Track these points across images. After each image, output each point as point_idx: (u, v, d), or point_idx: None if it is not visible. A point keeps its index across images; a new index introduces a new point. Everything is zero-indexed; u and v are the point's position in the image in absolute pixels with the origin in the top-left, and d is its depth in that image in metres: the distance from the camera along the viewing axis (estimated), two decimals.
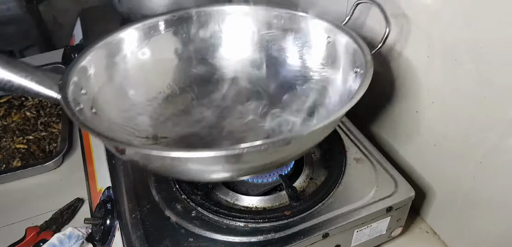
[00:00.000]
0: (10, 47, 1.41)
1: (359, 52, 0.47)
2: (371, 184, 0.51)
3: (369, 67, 0.44)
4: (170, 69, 0.62)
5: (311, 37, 0.57)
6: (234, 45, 0.64)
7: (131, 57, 0.58)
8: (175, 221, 0.47)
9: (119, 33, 0.56)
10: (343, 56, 0.52)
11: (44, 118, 0.84)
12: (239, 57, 0.64)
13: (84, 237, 0.57)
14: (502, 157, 0.43)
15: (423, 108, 0.53)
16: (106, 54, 0.54)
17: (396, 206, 0.49)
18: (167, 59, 0.62)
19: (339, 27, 0.53)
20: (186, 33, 0.62)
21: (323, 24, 0.55)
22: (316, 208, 0.48)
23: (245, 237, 0.45)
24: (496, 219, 0.46)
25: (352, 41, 0.49)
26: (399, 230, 0.54)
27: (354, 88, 0.47)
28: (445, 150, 0.51)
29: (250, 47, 0.64)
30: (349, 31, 0.51)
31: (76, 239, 0.56)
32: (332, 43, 0.54)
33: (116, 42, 0.56)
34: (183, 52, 0.62)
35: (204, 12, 0.62)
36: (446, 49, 0.47)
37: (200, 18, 0.62)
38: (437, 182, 0.54)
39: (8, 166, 0.72)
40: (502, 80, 0.41)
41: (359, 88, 0.40)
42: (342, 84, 0.52)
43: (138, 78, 0.58)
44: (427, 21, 0.49)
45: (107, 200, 0.52)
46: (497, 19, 0.40)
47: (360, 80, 0.44)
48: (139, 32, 0.58)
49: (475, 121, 0.45)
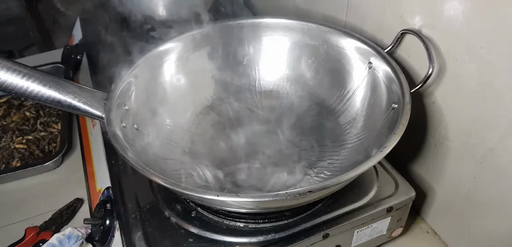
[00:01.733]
0: (10, 47, 1.41)
1: (396, 85, 0.47)
2: (371, 184, 0.51)
3: (406, 109, 0.43)
4: (207, 83, 0.63)
5: (353, 61, 0.57)
6: (271, 61, 0.65)
7: (171, 70, 0.60)
8: (175, 221, 0.47)
9: (160, 47, 0.59)
10: (381, 85, 0.52)
11: (43, 118, 0.84)
12: (276, 74, 0.65)
13: (84, 237, 0.57)
14: (502, 157, 0.43)
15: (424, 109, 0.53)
16: (147, 69, 0.56)
17: (397, 206, 0.49)
18: (205, 73, 0.63)
19: (383, 55, 0.52)
20: (223, 45, 0.63)
21: (366, 48, 0.55)
22: (316, 208, 0.47)
23: (245, 237, 0.45)
24: (497, 219, 0.46)
25: (393, 74, 0.49)
26: (400, 230, 0.53)
27: (384, 117, 0.48)
28: (445, 150, 0.51)
29: (287, 63, 0.64)
30: (391, 62, 0.50)
31: (76, 239, 0.56)
32: (373, 70, 0.53)
33: (156, 56, 0.58)
34: (221, 67, 0.63)
35: (242, 24, 0.63)
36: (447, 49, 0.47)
37: (238, 30, 0.63)
38: (437, 182, 0.54)
39: (8, 166, 0.72)
40: (502, 80, 0.41)
41: (393, 136, 0.41)
42: (371, 111, 0.53)
43: (176, 92, 0.59)
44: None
45: (106, 200, 0.52)
46: (497, 19, 0.39)
47: (393, 114, 0.44)
48: (180, 44, 0.60)
49: (475, 121, 0.45)
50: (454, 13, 0.44)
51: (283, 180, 0.51)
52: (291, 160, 0.53)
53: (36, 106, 0.87)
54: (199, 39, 0.62)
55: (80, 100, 0.46)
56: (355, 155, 0.50)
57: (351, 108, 0.57)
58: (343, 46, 0.58)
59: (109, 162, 0.57)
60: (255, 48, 0.64)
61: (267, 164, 0.53)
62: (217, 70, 0.63)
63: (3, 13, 1.37)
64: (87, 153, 0.70)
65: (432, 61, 0.46)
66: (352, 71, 0.57)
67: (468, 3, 0.42)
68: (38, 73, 0.44)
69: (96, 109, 0.46)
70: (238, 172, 0.52)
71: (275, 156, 0.54)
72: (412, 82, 0.52)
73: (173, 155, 0.53)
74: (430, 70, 0.46)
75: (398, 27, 0.52)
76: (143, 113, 0.53)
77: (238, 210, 0.45)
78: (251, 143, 0.57)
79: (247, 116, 0.61)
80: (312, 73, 0.62)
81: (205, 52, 0.62)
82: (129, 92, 0.52)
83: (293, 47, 0.63)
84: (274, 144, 0.56)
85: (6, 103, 0.87)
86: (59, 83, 0.45)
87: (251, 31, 0.64)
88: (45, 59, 0.96)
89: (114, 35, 0.84)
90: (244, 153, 0.55)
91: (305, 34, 0.62)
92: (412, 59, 0.53)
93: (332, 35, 0.59)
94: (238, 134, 0.58)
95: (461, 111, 0.47)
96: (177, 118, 0.58)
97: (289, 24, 0.62)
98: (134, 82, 0.53)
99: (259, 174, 0.52)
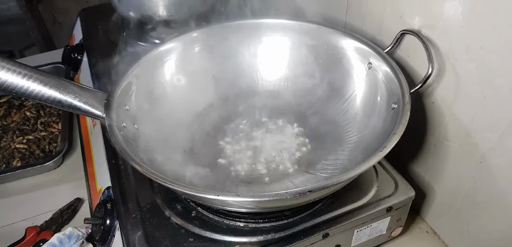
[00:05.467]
0: (10, 47, 1.41)
1: (396, 86, 0.47)
2: (371, 184, 0.51)
3: (406, 109, 0.43)
4: (208, 83, 0.63)
5: (352, 61, 0.57)
6: (271, 61, 0.64)
7: (171, 71, 0.60)
8: (175, 221, 0.47)
9: (160, 47, 0.59)
10: (381, 85, 0.52)
11: (44, 118, 0.84)
12: (276, 74, 0.65)
13: (84, 237, 0.57)
14: (502, 157, 0.43)
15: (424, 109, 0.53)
16: (147, 69, 0.56)
17: (396, 206, 0.49)
18: (205, 73, 0.63)
19: (382, 55, 0.52)
20: (223, 45, 0.63)
21: (366, 49, 0.55)
22: (316, 208, 0.48)
23: (245, 237, 0.45)
24: (496, 219, 0.46)
25: (392, 74, 0.49)
26: (399, 230, 0.54)
27: (384, 118, 0.48)
28: (445, 150, 0.51)
29: (287, 63, 0.64)
30: (391, 62, 0.50)
31: (76, 239, 0.56)
32: (373, 70, 0.53)
33: (156, 56, 0.58)
34: (221, 67, 0.63)
35: (242, 24, 0.63)
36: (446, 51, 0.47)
37: (238, 30, 0.63)
38: (437, 182, 0.54)
39: (8, 166, 0.72)
40: (502, 80, 0.41)
41: (393, 136, 0.40)
42: (371, 111, 0.53)
43: (177, 92, 0.59)
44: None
45: (107, 200, 0.52)
46: (497, 19, 0.40)
47: (392, 114, 0.44)
48: (180, 44, 0.60)
49: (475, 121, 0.45)
50: (454, 14, 0.44)
51: (283, 180, 0.51)
52: (291, 160, 0.54)
53: (37, 106, 0.87)
54: (199, 39, 0.62)
55: (80, 100, 0.46)
56: (355, 155, 0.50)
57: (351, 109, 0.57)
58: (343, 46, 0.58)
59: (109, 162, 0.57)
60: (255, 48, 0.64)
61: (267, 163, 0.53)
62: (217, 70, 0.63)
63: (3, 13, 1.37)
64: (87, 153, 0.70)
65: (431, 62, 0.46)
66: (352, 71, 0.57)
67: (468, 3, 0.42)
68: (39, 73, 0.44)
69: (97, 109, 0.46)
70: (238, 171, 0.52)
71: (275, 156, 0.54)
72: (412, 83, 0.52)
73: (173, 154, 0.53)
74: (430, 71, 0.46)
75: (398, 28, 0.52)
76: (144, 113, 0.53)
77: (238, 210, 0.45)
78: (251, 143, 0.57)
79: (247, 116, 0.61)
80: (312, 74, 0.62)
81: (205, 52, 0.62)
82: (130, 92, 0.52)
83: (293, 47, 0.63)
84: (274, 144, 0.56)
85: (6, 103, 0.87)
86: (60, 83, 0.45)
87: (251, 31, 0.64)
88: (45, 59, 0.97)
89: (114, 35, 0.84)
90: (243, 150, 0.55)
91: (305, 35, 0.62)
92: (412, 60, 0.53)
93: (332, 35, 0.59)
94: (238, 134, 0.58)
95: (461, 111, 0.47)
96: (177, 118, 0.58)
97: (289, 24, 0.63)
98: (134, 82, 0.53)
99: (259, 173, 0.52)
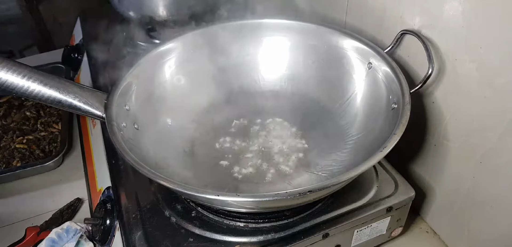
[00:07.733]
0: (10, 47, 1.41)
1: (396, 86, 0.47)
2: (371, 184, 0.51)
3: (406, 109, 0.43)
4: (208, 83, 0.63)
5: (352, 61, 0.57)
6: (271, 61, 0.65)
7: (171, 71, 0.60)
8: (175, 221, 0.47)
9: (160, 47, 0.59)
10: (381, 85, 0.52)
11: (44, 118, 0.84)
12: (276, 74, 0.65)
13: (83, 231, 0.57)
14: (502, 157, 0.43)
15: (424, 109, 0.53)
16: (147, 69, 0.56)
17: (396, 206, 0.49)
18: (205, 73, 0.63)
19: (382, 55, 0.52)
20: (223, 46, 0.63)
21: (366, 49, 0.55)
22: (316, 208, 0.48)
23: (245, 237, 0.45)
24: (496, 219, 0.46)
25: (392, 74, 0.49)
26: (399, 230, 0.54)
27: (384, 118, 0.48)
28: (445, 150, 0.51)
29: (288, 63, 0.64)
30: (391, 62, 0.50)
31: (74, 232, 0.56)
32: (373, 70, 0.53)
33: (156, 56, 0.58)
34: (221, 67, 0.63)
35: (243, 25, 0.63)
36: (446, 49, 0.47)
37: (239, 30, 0.63)
38: (437, 182, 0.54)
39: (8, 166, 0.72)
40: (502, 80, 0.41)
41: (393, 136, 0.41)
42: (371, 111, 0.53)
43: (177, 92, 0.60)
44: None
45: (107, 200, 0.52)
46: (496, 20, 0.40)
47: (392, 114, 0.44)
48: (180, 44, 0.60)
49: (474, 121, 0.45)
50: (454, 14, 0.44)
51: (283, 180, 0.51)
52: (291, 160, 0.54)
53: (37, 106, 0.87)
54: (199, 39, 0.62)
55: (80, 100, 0.46)
56: (355, 155, 0.51)
57: (351, 109, 0.57)
58: (343, 46, 0.58)
59: (109, 162, 0.57)
60: (255, 48, 0.64)
61: (267, 163, 0.53)
62: (217, 71, 0.63)
63: (3, 13, 1.36)
64: (87, 153, 0.70)
65: (431, 62, 0.46)
66: (352, 71, 0.57)
67: (468, 3, 0.42)
68: (39, 73, 0.44)
69: (97, 109, 0.47)
70: (238, 171, 0.52)
71: (276, 156, 0.54)
72: (412, 83, 0.52)
73: (173, 154, 0.53)
74: (430, 71, 0.46)
75: (397, 28, 0.52)
76: (144, 113, 0.53)
77: (238, 210, 0.45)
78: (251, 143, 0.57)
79: (247, 116, 0.61)
80: (312, 74, 0.62)
81: (205, 52, 0.62)
82: (130, 92, 0.52)
83: (293, 47, 0.63)
84: (274, 144, 0.56)
85: (6, 103, 0.87)
86: (60, 83, 0.45)
87: (251, 31, 0.64)
88: (45, 59, 0.97)
89: (114, 35, 0.84)
90: (243, 151, 0.55)
91: (305, 35, 0.62)
92: (412, 60, 0.53)
93: (332, 35, 0.59)
94: (238, 134, 0.58)
95: (461, 111, 0.47)
96: (177, 118, 0.58)
97: (289, 24, 0.63)
98: (134, 82, 0.53)
99: (259, 173, 0.52)
